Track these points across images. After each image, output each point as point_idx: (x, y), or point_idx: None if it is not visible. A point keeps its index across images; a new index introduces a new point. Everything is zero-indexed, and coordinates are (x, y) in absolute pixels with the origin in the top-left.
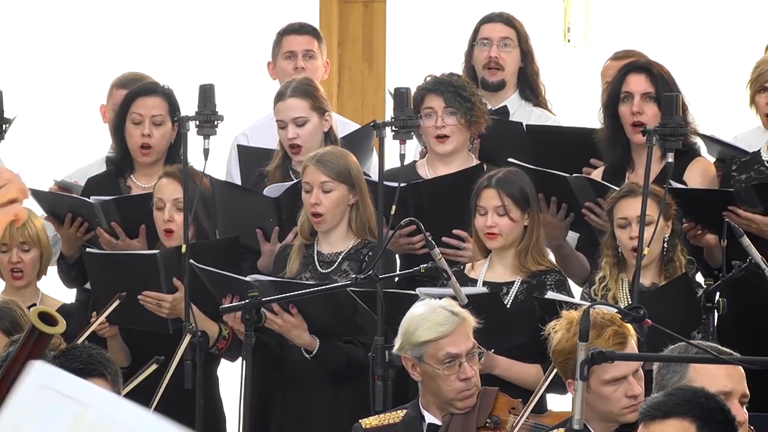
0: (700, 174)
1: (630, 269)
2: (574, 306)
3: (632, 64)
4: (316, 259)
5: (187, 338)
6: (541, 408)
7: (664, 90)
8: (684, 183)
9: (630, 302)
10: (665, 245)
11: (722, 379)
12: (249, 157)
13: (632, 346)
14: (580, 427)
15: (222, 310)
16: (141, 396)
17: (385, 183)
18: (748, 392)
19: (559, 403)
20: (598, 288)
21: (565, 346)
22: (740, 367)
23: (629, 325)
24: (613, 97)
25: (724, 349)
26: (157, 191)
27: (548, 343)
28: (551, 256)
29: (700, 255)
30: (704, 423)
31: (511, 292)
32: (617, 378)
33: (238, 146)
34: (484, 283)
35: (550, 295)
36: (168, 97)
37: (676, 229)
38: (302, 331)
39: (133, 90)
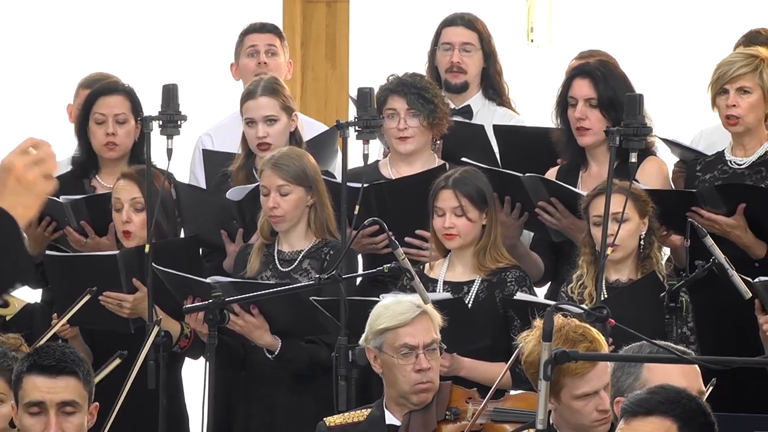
0: (654, 173)
1: (607, 267)
2: (542, 307)
3: (578, 68)
4: (276, 257)
5: (154, 332)
6: (500, 392)
7: (609, 94)
8: (638, 182)
9: (604, 299)
10: (641, 242)
11: (678, 378)
12: (214, 161)
13: (604, 365)
14: (544, 427)
15: (185, 310)
16: (105, 396)
17: (349, 184)
18: (704, 389)
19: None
20: (575, 286)
21: (536, 359)
22: (696, 366)
23: (602, 340)
24: (563, 100)
25: (681, 348)
26: (115, 192)
27: (520, 353)
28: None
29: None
30: (685, 423)
31: (471, 291)
32: (588, 393)
33: (203, 150)
34: (445, 283)
35: (519, 296)
36: (129, 95)
37: (653, 227)
38: (264, 331)
39: (95, 90)
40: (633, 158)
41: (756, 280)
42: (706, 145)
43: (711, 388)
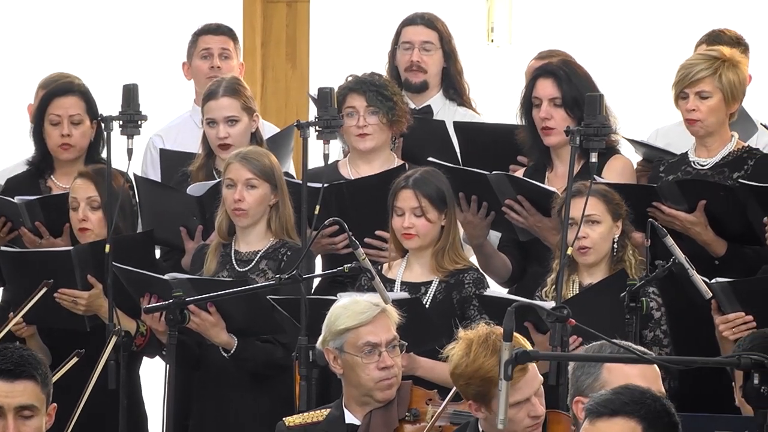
0: (618, 171)
1: (581, 270)
2: (511, 303)
3: (541, 68)
4: (233, 257)
5: (113, 341)
6: (459, 395)
7: (572, 93)
8: (603, 179)
9: (570, 298)
10: (615, 245)
11: (637, 379)
12: (171, 161)
13: (534, 371)
14: (505, 426)
15: (146, 310)
16: (63, 396)
17: (309, 184)
18: (663, 391)
19: None
20: (549, 290)
21: (465, 371)
22: (655, 367)
23: (528, 347)
24: (527, 100)
25: (640, 348)
26: (72, 191)
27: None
28: (470, 255)
29: None
30: (650, 424)
31: (429, 292)
32: (520, 401)
33: (161, 150)
34: (402, 283)
35: (489, 292)
36: (84, 95)
37: (626, 230)
38: (220, 329)
39: (49, 91)
40: (593, 158)
41: (713, 281)
42: (663, 144)
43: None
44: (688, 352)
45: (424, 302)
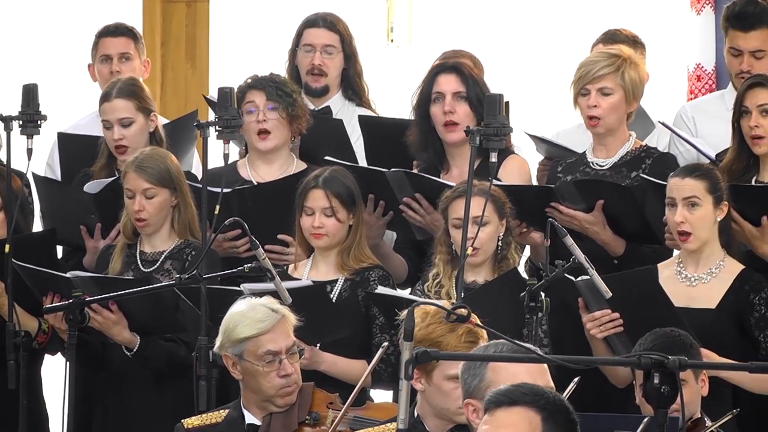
0: (515, 171)
1: (465, 268)
2: (404, 301)
3: (442, 64)
4: (138, 258)
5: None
6: (360, 400)
7: (475, 89)
8: (500, 180)
9: (462, 298)
10: (499, 243)
11: (524, 377)
12: (69, 144)
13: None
14: (405, 427)
15: (45, 310)
16: None
17: (210, 189)
18: (552, 387)
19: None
20: (432, 284)
21: (416, 334)
22: (545, 367)
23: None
24: (425, 98)
25: (529, 346)
26: None
27: (397, 330)
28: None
29: None
30: (549, 415)
31: (335, 290)
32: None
33: (59, 134)
34: None
35: (381, 289)
36: None
37: (510, 228)
38: (122, 327)
39: None
40: (493, 158)
41: (578, 279)
42: None
43: (574, 387)
44: (577, 352)
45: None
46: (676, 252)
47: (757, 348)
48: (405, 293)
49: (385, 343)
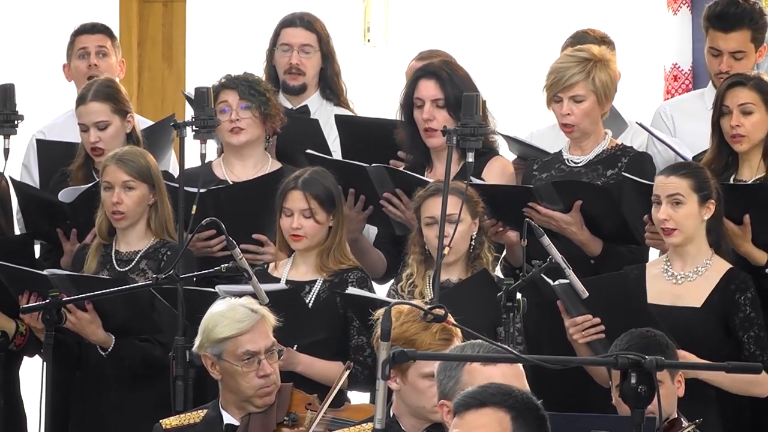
0: (498, 172)
1: (440, 267)
2: (377, 302)
3: (424, 69)
4: (113, 257)
5: None
6: (338, 402)
7: (455, 94)
8: (483, 181)
9: (437, 298)
10: (472, 242)
11: (498, 379)
12: (48, 151)
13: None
14: (382, 427)
15: (22, 310)
16: None
17: (187, 189)
18: (528, 388)
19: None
20: (405, 284)
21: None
22: (519, 367)
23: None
24: (408, 101)
25: (504, 346)
26: None
27: (373, 331)
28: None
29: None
30: (518, 414)
31: (313, 291)
32: (433, 374)
33: (37, 140)
34: (287, 282)
35: (352, 290)
36: None
37: (483, 227)
38: (96, 327)
39: None
40: (470, 158)
41: (556, 282)
42: None
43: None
44: (552, 351)
45: (307, 301)
46: (653, 251)
47: (741, 348)
48: (378, 294)
49: (350, 363)
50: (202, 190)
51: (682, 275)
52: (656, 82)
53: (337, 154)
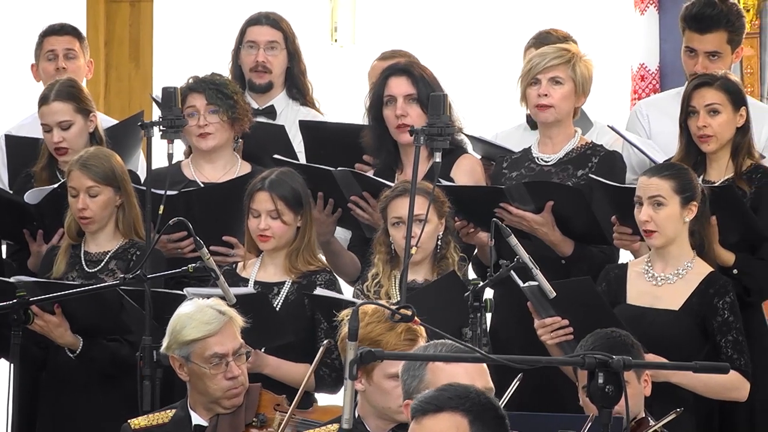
0: (467, 171)
1: (407, 267)
2: (343, 303)
3: (393, 67)
4: (83, 258)
5: None
6: (307, 403)
7: (426, 91)
8: (452, 180)
9: (404, 298)
10: (439, 242)
11: (463, 377)
12: (16, 148)
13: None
14: (350, 427)
15: None
16: None
17: (155, 191)
18: (492, 386)
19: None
20: (371, 284)
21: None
22: (483, 365)
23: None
24: (377, 100)
25: (469, 345)
26: None
27: (338, 331)
28: (322, 257)
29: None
30: (476, 417)
31: (281, 293)
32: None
33: (6, 135)
34: (256, 283)
35: (319, 291)
36: None
37: (449, 227)
38: (64, 330)
39: None
40: (437, 158)
41: (526, 284)
42: None
43: (518, 383)
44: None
45: (274, 302)
46: (624, 252)
47: (719, 353)
48: (345, 295)
49: (326, 341)
50: (173, 192)
51: (662, 277)
52: (623, 82)
53: (302, 155)
